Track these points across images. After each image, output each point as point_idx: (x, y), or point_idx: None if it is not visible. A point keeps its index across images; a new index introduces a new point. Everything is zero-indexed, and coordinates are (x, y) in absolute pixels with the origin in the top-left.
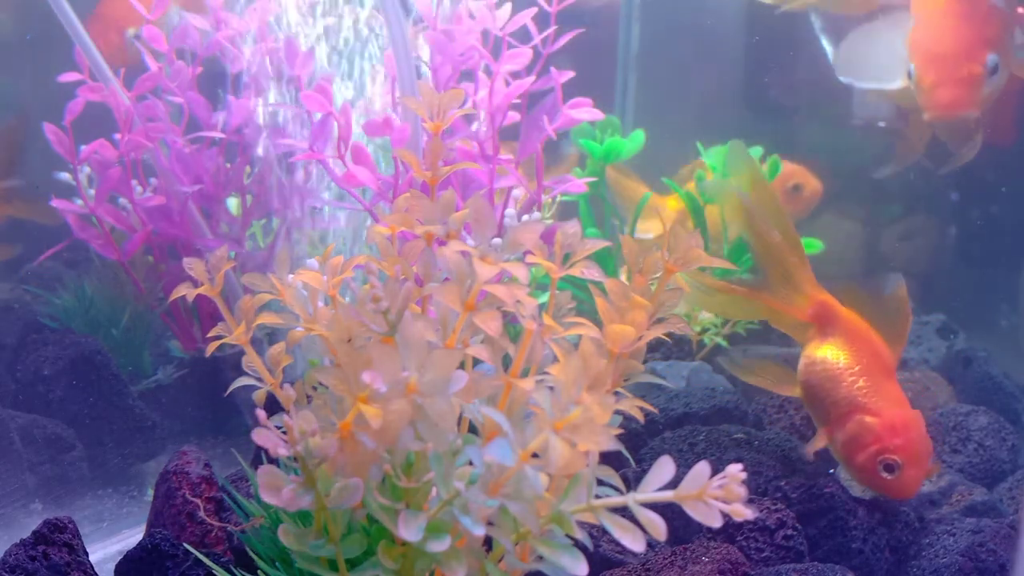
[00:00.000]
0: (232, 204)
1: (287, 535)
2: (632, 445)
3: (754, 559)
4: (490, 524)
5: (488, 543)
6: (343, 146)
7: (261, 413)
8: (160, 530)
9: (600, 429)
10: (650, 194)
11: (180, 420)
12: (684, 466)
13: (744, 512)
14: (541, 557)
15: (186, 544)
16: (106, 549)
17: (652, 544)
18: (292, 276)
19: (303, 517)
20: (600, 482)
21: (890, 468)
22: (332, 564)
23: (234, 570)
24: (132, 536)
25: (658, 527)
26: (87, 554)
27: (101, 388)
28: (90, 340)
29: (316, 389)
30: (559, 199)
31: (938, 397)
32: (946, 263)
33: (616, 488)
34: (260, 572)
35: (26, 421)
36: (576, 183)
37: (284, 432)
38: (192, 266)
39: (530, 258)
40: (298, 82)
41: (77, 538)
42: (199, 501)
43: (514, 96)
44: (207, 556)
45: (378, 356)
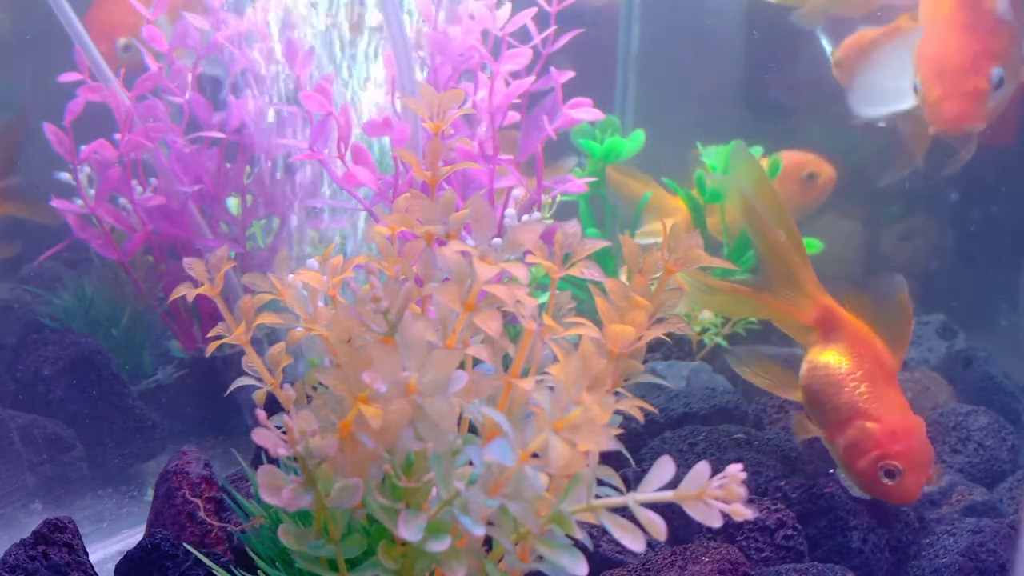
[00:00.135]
0: (232, 204)
1: (287, 535)
2: (632, 445)
3: (754, 559)
4: (490, 524)
5: (488, 543)
6: (343, 146)
7: (261, 413)
8: (160, 530)
9: (600, 429)
10: (651, 194)
11: (180, 420)
12: (684, 466)
13: (744, 512)
14: (541, 557)
15: (186, 544)
16: (106, 549)
17: (652, 544)
18: (292, 276)
19: (303, 517)
20: (600, 482)
21: (891, 474)
22: (332, 564)
23: (234, 570)
24: (132, 536)
25: (658, 527)
26: (87, 554)
27: (101, 388)
28: (90, 340)
29: (316, 389)
30: (559, 199)
31: (938, 397)
32: (946, 263)
33: (616, 488)
34: (260, 572)
35: (26, 421)
36: (576, 183)
37: (284, 432)
38: (192, 266)
39: (530, 258)
40: (298, 82)
41: (77, 538)
42: (199, 501)
43: (514, 96)
44: (207, 556)
45: (378, 356)
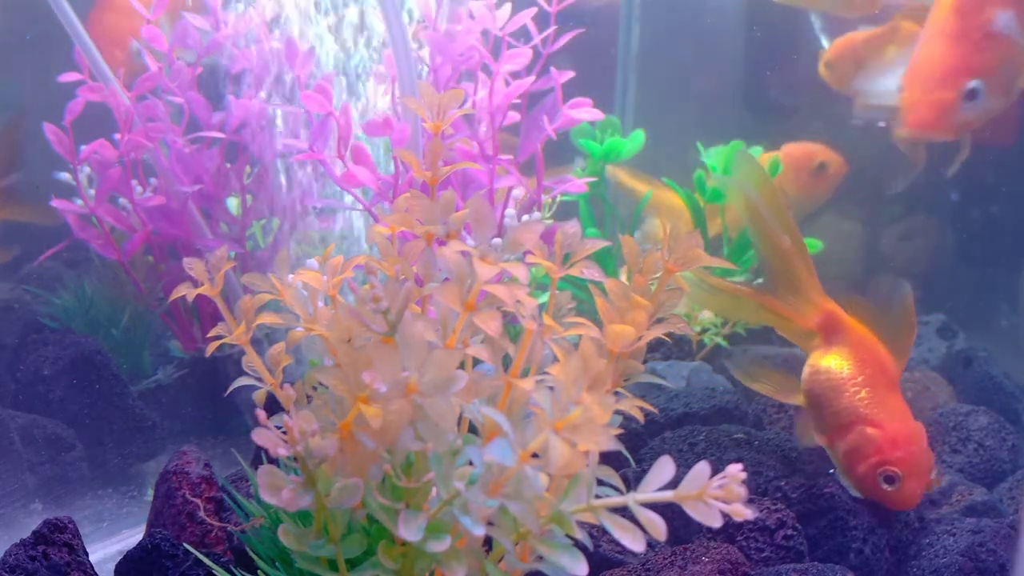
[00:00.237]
0: (232, 204)
1: (287, 535)
2: (632, 445)
3: (754, 559)
4: (490, 524)
5: (488, 543)
6: (343, 146)
7: (261, 413)
8: (160, 530)
9: (600, 429)
10: (651, 193)
11: (180, 420)
12: (684, 466)
13: (744, 512)
14: (541, 557)
15: (186, 544)
16: (106, 549)
17: (652, 544)
18: (292, 276)
19: (303, 517)
20: (600, 482)
21: (890, 480)
22: (332, 564)
23: (234, 570)
24: (132, 536)
25: (658, 527)
26: (87, 554)
27: (101, 388)
28: (90, 340)
29: (316, 389)
30: (559, 199)
31: (938, 397)
32: (946, 263)
33: (616, 488)
34: (260, 572)
35: (26, 421)
36: (576, 183)
37: (284, 432)
38: (192, 266)
39: (530, 258)
40: (298, 82)
41: (77, 538)
42: (199, 501)
43: (514, 96)
44: (207, 556)
45: (378, 356)
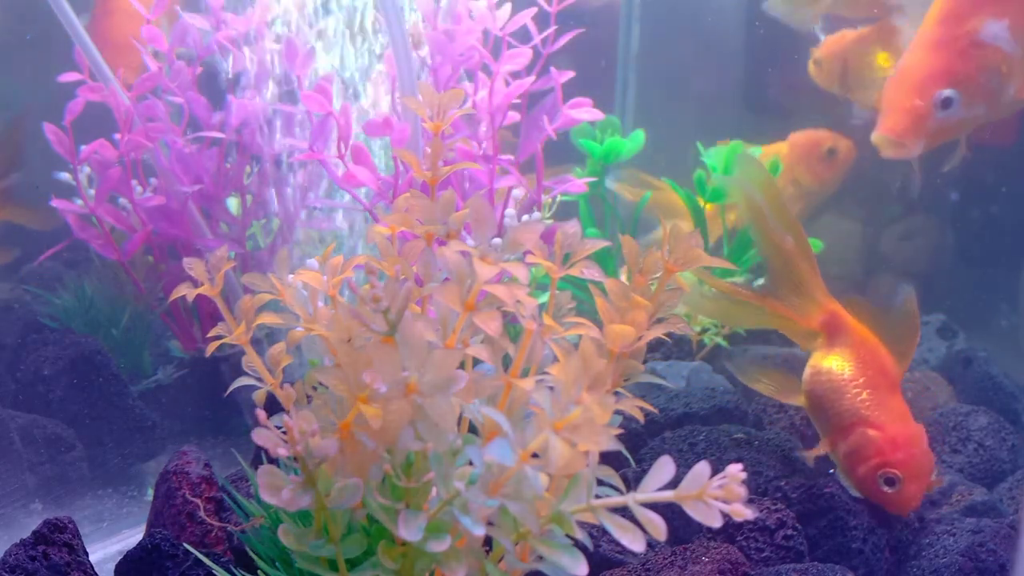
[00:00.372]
0: (232, 204)
1: (287, 535)
2: (632, 445)
3: (754, 559)
4: (490, 524)
5: (488, 543)
6: (343, 146)
7: (261, 413)
8: (160, 530)
9: (600, 429)
10: (651, 193)
11: (180, 420)
12: (684, 466)
13: (744, 512)
14: (541, 557)
15: (186, 544)
16: (106, 549)
17: (652, 544)
18: (292, 276)
19: (303, 517)
20: (600, 482)
21: (891, 482)
22: (332, 564)
23: (234, 570)
24: (132, 536)
25: (658, 527)
26: (87, 554)
27: (101, 388)
28: (90, 340)
29: (316, 389)
30: (559, 199)
31: (938, 397)
32: (946, 263)
33: (616, 488)
34: (260, 572)
35: (26, 421)
36: (576, 183)
37: (284, 432)
38: (192, 266)
39: (530, 258)
40: (298, 82)
41: (77, 538)
42: (199, 501)
43: (514, 96)
44: (207, 556)
45: (378, 356)
